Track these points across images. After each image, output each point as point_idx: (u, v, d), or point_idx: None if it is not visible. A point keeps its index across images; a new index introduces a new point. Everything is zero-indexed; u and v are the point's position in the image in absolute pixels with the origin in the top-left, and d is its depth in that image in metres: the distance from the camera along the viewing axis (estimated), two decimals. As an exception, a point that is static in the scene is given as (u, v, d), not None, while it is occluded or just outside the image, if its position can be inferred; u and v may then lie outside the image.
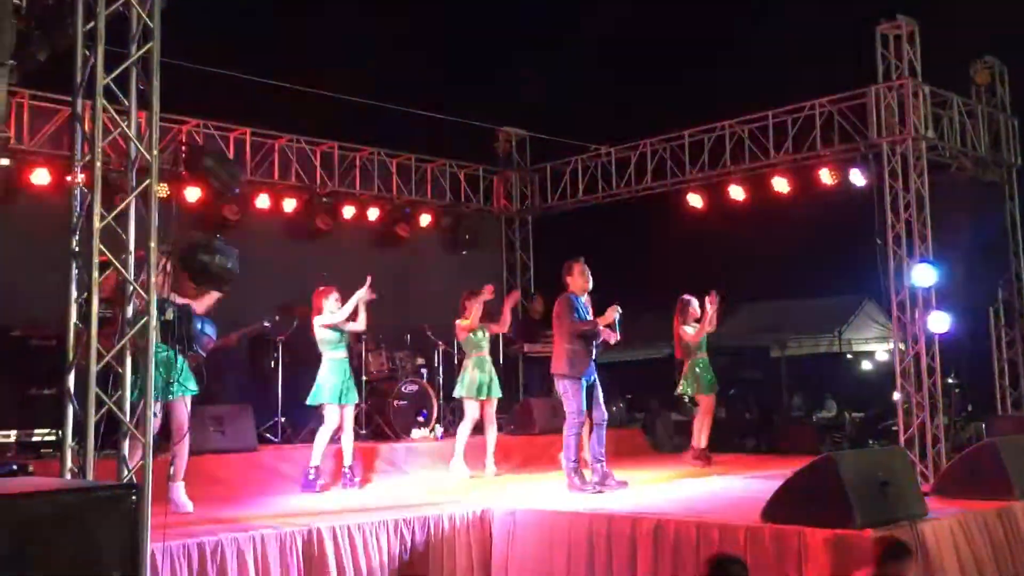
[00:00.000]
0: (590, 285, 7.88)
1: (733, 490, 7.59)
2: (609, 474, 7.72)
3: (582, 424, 7.62)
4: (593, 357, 7.71)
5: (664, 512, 6.16)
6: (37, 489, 3.68)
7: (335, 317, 8.42)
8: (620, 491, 7.53)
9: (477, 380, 9.26)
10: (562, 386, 7.75)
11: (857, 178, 10.32)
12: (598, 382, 7.85)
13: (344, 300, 8.54)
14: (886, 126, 9.96)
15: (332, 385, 8.34)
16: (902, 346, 9.83)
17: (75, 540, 3.51)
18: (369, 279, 8.57)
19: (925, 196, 9.81)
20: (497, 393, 9.43)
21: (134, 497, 3.75)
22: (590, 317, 7.77)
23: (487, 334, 9.51)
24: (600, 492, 7.45)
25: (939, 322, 9.53)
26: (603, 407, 7.84)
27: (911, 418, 9.69)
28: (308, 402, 8.50)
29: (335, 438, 8.51)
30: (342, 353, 8.52)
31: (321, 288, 8.64)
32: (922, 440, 9.52)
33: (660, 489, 7.82)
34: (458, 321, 9.40)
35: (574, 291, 7.86)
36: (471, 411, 9.28)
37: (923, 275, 9.50)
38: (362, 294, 8.49)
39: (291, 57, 11.51)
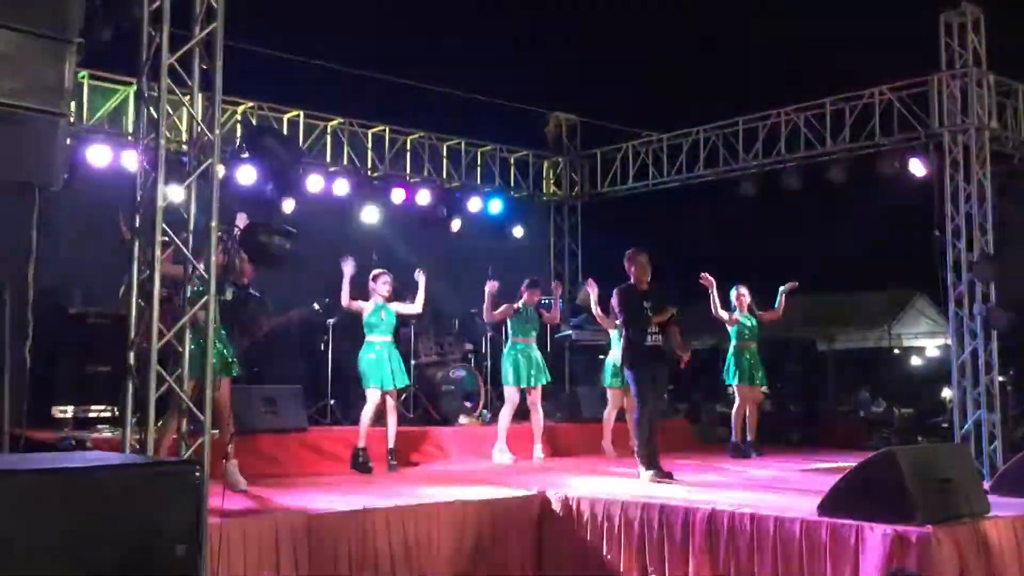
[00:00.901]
0: (648, 275, 7.80)
1: (787, 483, 7.49)
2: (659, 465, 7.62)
3: (649, 411, 7.52)
4: (654, 345, 7.59)
5: (718, 502, 6.09)
6: (104, 464, 3.72)
7: (415, 307, 8.62)
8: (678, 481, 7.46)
9: (514, 367, 9.25)
10: (627, 375, 7.76)
11: (917, 168, 10.11)
12: (665, 373, 7.78)
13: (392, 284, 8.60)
14: (948, 115, 9.75)
15: (372, 368, 8.39)
16: (957, 342, 9.64)
17: (140, 515, 3.54)
18: (350, 261, 8.59)
19: (987, 188, 9.59)
20: (541, 381, 9.38)
21: (198, 473, 3.78)
22: (651, 305, 7.67)
23: (533, 323, 9.48)
24: (665, 482, 7.36)
25: (998, 318, 9.33)
26: (662, 399, 7.79)
27: (966, 415, 9.51)
28: (362, 383, 8.54)
29: (381, 420, 8.56)
30: (380, 336, 8.52)
31: (376, 272, 8.67)
32: (978, 437, 9.34)
33: (712, 479, 7.74)
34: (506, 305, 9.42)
35: (635, 281, 7.79)
36: (508, 396, 9.27)
37: (983, 269, 9.30)
38: (347, 272, 8.55)
39: (343, 39, 11.53)
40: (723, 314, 9.88)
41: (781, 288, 10.02)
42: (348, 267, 8.55)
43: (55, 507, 3.34)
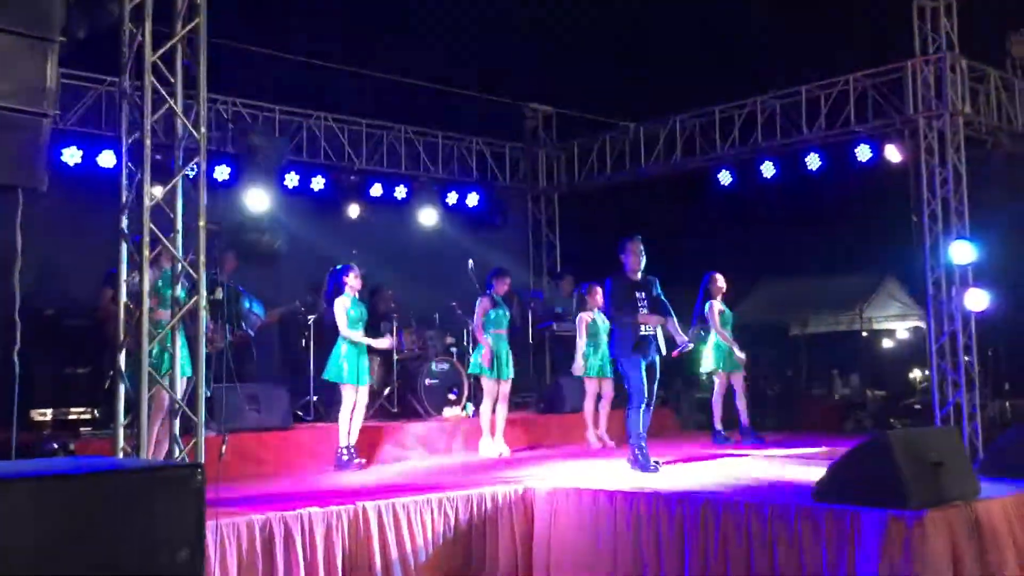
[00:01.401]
0: (642, 264, 7.70)
1: (774, 470, 7.53)
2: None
3: (642, 402, 7.49)
4: (647, 335, 7.54)
5: (710, 491, 6.12)
6: (106, 468, 3.67)
7: (350, 333, 8.34)
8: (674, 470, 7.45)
9: (492, 359, 9.21)
10: (619, 365, 7.73)
11: (893, 154, 10.21)
12: (657, 363, 7.72)
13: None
14: (923, 101, 9.84)
15: (350, 365, 8.29)
16: (936, 325, 9.75)
17: (143, 519, 3.49)
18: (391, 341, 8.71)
19: (963, 172, 9.70)
20: (511, 374, 9.35)
21: (199, 476, 3.74)
22: (644, 295, 7.61)
23: (506, 313, 9.44)
24: (655, 471, 7.33)
25: (977, 300, 9.44)
26: (654, 389, 7.69)
27: (945, 397, 9.63)
28: (324, 376, 8.45)
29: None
30: (359, 334, 8.45)
31: (339, 267, 8.61)
32: (958, 419, 9.47)
33: (701, 468, 7.77)
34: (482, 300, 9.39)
35: (626, 271, 7.69)
36: (488, 389, 9.26)
37: (962, 252, 9.41)
38: (383, 345, 8.66)
39: (319, 34, 11.42)
40: (712, 317, 9.91)
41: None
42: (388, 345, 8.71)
43: (57, 513, 3.29)
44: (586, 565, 6.37)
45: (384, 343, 8.71)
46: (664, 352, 7.76)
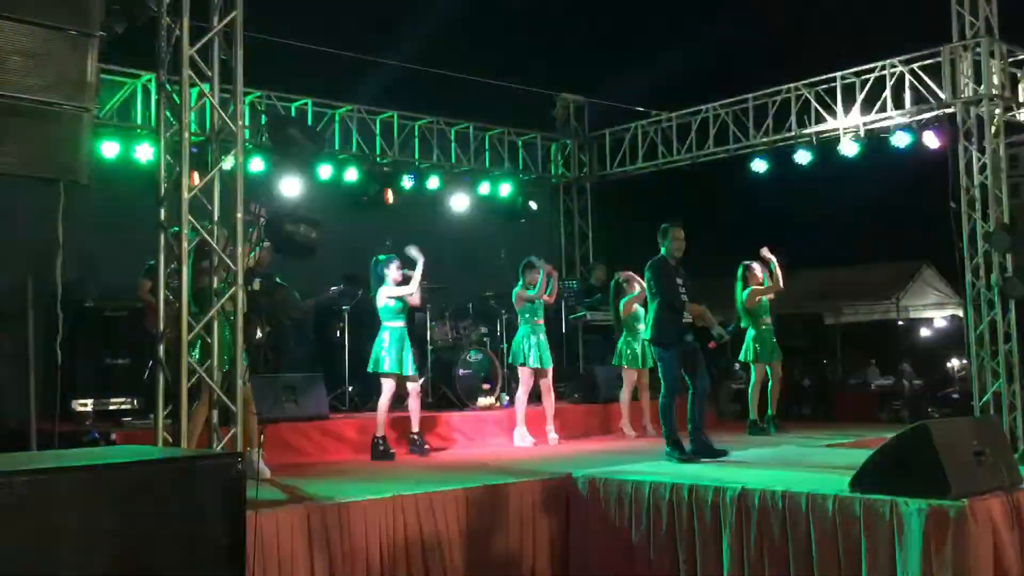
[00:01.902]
0: (682, 252, 7.59)
1: (813, 459, 7.48)
2: (708, 443, 7.50)
3: (676, 392, 7.41)
4: (687, 323, 7.45)
5: (747, 481, 6.08)
6: (146, 458, 3.72)
7: (401, 290, 8.39)
8: (719, 459, 7.33)
9: (529, 349, 9.23)
10: (656, 353, 7.63)
11: (931, 140, 10.07)
12: (699, 349, 7.58)
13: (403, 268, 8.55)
14: (961, 87, 9.70)
15: (390, 356, 8.32)
16: (975, 313, 9.63)
17: (183, 508, 3.54)
18: (420, 254, 8.52)
19: (1001, 158, 9.56)
20: (550, 363, 9.34)
21: (239, 466, 3.78)
22: (682, 282, 7.52)
23: (541, 303, 9.45)
24: (691, 460, 7.28)
25: (1015, 287, 9.31)
26: (706, 375, 7.56)
27: (984, 386, 9.51)
28: (369, 370, 8.51)
29: (400, 406, 8.55)
30: (402, 322, 8.49)
31: (381, 258, 8.64)
32: (997, 408, 9.35)
33: (738, 457, 7.72)
34: (516, 290, 9.39)
35: (668, 256, 7.58)
36: (523, 378, 9.27)
37: (1000, 239, 9.27)
38: (420, 266, 8.47)
39: (350, 26, 11.47)
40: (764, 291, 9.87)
41: (770, 262, 9.93)
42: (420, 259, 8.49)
43: (103, 502, 3.34)
44: (622, 555, 6.37)
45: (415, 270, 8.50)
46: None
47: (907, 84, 10.24)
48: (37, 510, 3.15)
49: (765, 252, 9.90)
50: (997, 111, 9.61)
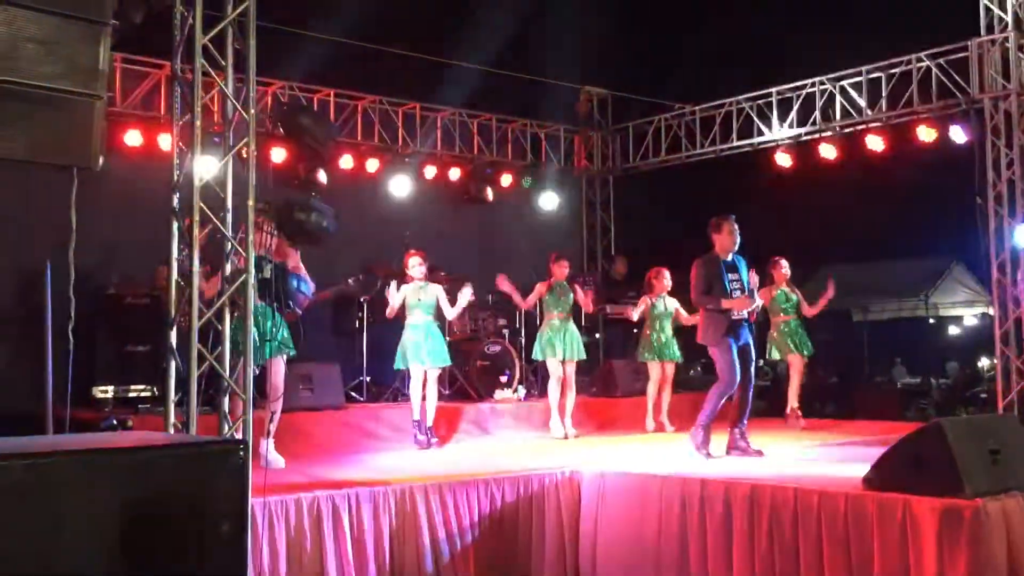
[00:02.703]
0: (736, 245, 7.35)
1: (829, 456, 7.41)
2: (745, 440, 7.41)
3: (729, 391, 7.21)
4: (739, 318, 7.21)
5: (759, 477, 6.04)
6: (152, 444, 3.74)
7: (449, 311, 8.72)
8: (755, 459, 7.19)
9: (551, 341, 9.22)
10: (712, 351, 7.35)
11: (958, 135, 9.93)
12: (752, 344, 7.40)
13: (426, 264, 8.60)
14: (988, 81, 9.55)
15: (409, 350, 8.42)
16: (1000, 310, 9.50)
17: (186, 494, 3.55)
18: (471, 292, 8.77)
19: (1030, 154, 9.40)
20: (574, 356, 9.32)
21: (242, 453, 3.79)
22: (736, 277, 7.32)
23: (568, 297, 9.42)
24: (711, 457, 7.17)
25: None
26: (751, 372, 7.38)
27: (1009, 384, 9.39)
28: (396, 366, 8.59)
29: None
30: (419, 317, 8.52)
31: (411, 252, 8.68)
32: (1022, 407, 9.21)
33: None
34: (539, 284, 9.39)
35: (719, 251, 7.34)
36: (552, 370, 9.26)
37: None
38: (464, 301, 8.74)
39: (373, 17, 11.47)
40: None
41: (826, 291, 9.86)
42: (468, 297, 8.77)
43: (105, 486, 3.36)
44: (632, 549, 6.35)
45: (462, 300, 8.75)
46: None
47: (933, 78, 10.09)
48: (36, 494, 3.17)
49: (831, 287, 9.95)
50: (1026, 106, 9.45)
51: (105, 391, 8.64)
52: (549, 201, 12.92)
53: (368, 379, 9.95)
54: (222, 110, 5.61)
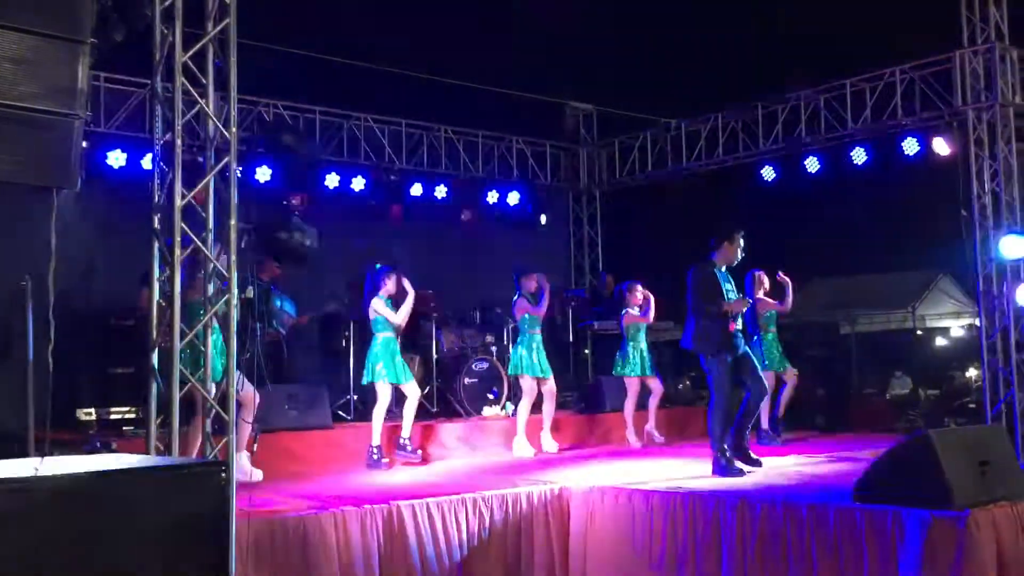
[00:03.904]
0: (737, 259, 7.31)
1: (818, 469, 7.39)
2: (748, 451, 7.31)
3: (726, 405, 7.06)
4: (733, 330, 7.12)
5: (748, 491, 6.01)
6: (128, 466, 3.70)
7: (387, 313, 8.39)
8: (754, 470, 7.15)
9: (531, 358, 9.19)
10: (704, 364, 7.23)
11: (941, 147, 9.97)
12: (750, 354, 7.33)
13: (399, 283, 8.53)
14: (971, 92, 9.60)
15: (383, 364, 8.33)
16: (987, 321, 9.51)
17: (167, 516, 3.52)
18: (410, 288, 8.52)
19: (1013, 165, 9.44)
20: (549, 372, 9.27)
21: (223, 474, 3.75)
22: (731, 287, 7.28)
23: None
24: (742, 475, 6.95)
25: (1026, 295, 9.18)
26: (761, 380, 7.25)
27: (996, 395, 9.38)
28: (363, 381, 8.52)
29: (394, 414, 8.52)
30: (392, 332, 8.47)
31: (379, 267, 8.64)
32: (1009, 417, 9.21)
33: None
34: (516, 300, 9.38)
35: (720, 261, 7.25)
36: (529, 388, 9.23)
37: (1012, 247, 9.15)
38: (409, 298, 8.47)
39: (358, 35, 11.47)
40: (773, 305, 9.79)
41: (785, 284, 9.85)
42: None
43: (83, 510, 3.32)
44: (622, 565, 6.32)
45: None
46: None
47: (917, 91, 10.14)
48: (15, 518, 3.13)
49: (781, 276, 9.81)
50: (1009, 117, 9.50)
51: (89, 413, 8.56)
52: (537, 217, 12.91)
53: (355, 398, 9.89)
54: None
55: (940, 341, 20.35)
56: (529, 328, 9.28)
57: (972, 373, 16.21)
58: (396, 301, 8.48)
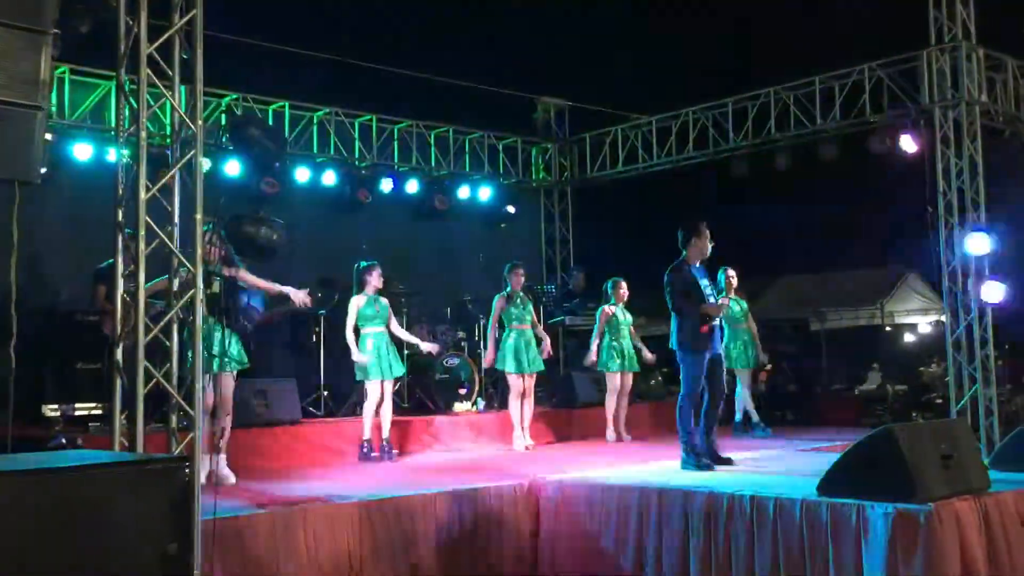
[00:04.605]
0: (708, 253, 7.26)
1: (786, 463, 7.43)
2: (716, 450, 7.29)
3: (694, 400, 7.07)
4: (713, 329, 7.12)
5: (716, 485, 6.03)
6: (90, 462, 3.65)
7: (349, 333, 8.41)
8: (725, 468, 7.10)
9: (514, 354, 9.18)
10: (679, 356, 7.19)
11: (908, 145, 10.07)
12: (723, 355, 7.37)
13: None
14: (938, 91, 9.70)
15: (373, 360, 8.31)
16: (952, 317, 9.62)
17: (129, 513, 3.47)
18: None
19: (979, 163, 9.55)
20: (535, 369, 9.29)
21: (187, 469, 3.71)
22: (708, 283, 7.24)
23: (527, 307, 9.39)
24: (708, 469, 6.93)
25: (993, 292, 9.30)
26: (723, 383, 7.30)
27: (961, 390, 9.50)
28: (356, 379, 8.49)
29: (378, 411, 8.50)
30: (380, 327, 8.46)
31: (367, 264, 8.59)
32: (974, 412, 9.32)
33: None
34: (498, 299, 9.35)
35: (690, 259, 7.19)
36: (512, 384, 9.24)
37: (977, 244, 9.26)
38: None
39: (328, 28, 11.41)
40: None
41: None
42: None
43: (43, 507, 3.27)
44: (591, 558, 6.32)
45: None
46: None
47: (885, 88, 10.23)
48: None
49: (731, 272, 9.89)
50: (974, 115, 9.61)
51: (55, 410, 8.45)
52: (507, 212, 12.90)
53: (325, 393, 9.84)
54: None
55: (908, 337, 20.59)
56: (510, 323, 9.26)
57: (939, 368, 16.41)
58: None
